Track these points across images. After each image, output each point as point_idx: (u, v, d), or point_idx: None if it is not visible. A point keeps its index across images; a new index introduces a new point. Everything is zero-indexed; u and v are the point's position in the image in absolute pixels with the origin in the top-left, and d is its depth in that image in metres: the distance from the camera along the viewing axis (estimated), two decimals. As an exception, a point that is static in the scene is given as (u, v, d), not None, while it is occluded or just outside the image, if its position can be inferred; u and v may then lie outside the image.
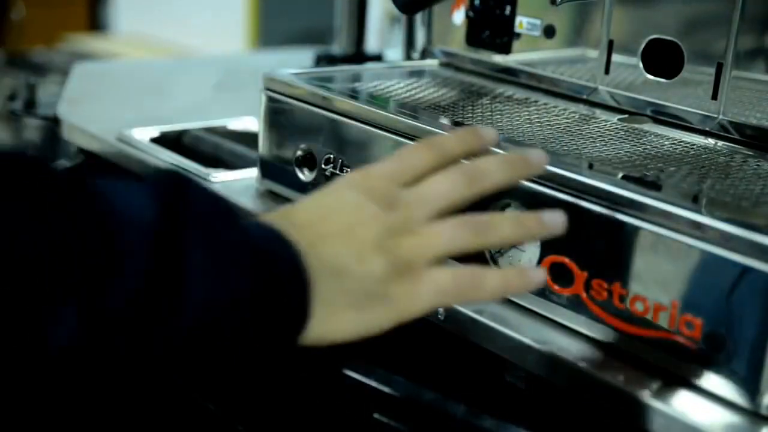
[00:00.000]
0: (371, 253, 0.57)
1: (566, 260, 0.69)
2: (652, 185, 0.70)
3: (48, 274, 0.48)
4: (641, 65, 0.89)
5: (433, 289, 0.58)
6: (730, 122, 0.84)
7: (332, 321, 0.56)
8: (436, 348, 0.79)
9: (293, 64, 1.04)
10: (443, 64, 1.08)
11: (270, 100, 0.93)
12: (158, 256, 0.50)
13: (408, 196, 0.60)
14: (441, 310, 0.74)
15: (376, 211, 0.59)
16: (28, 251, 0.48)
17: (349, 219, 0.58)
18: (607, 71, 0.92)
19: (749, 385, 0.61)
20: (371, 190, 0.60)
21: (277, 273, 0.55)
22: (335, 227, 0.58)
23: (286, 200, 0.93)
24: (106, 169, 1.13)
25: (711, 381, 0.63)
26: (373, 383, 0.81)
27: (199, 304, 0.51)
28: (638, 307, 0.66)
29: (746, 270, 0.60)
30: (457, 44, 1.05)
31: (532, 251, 0.72)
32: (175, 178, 0.55)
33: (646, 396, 0.63)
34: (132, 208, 0.52)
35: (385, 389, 0.81)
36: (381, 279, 0.57)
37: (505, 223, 0.61)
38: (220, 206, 0.56)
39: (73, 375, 0.51)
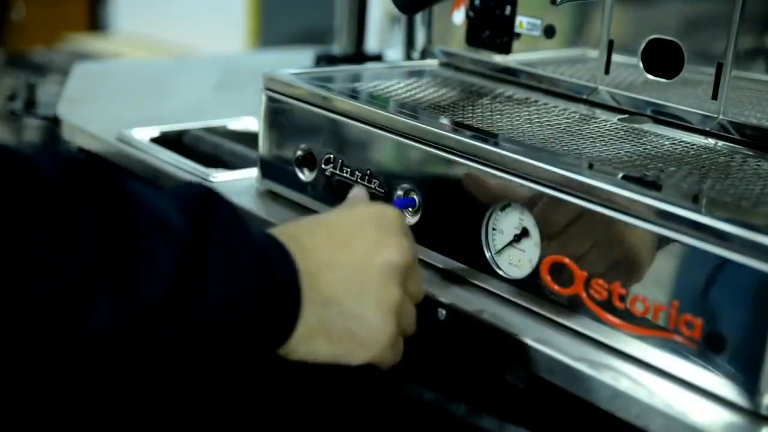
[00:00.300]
0: (371, 297, 0.64)
1: (566, 260, 0.69)
2: (652, 185, 0.70)
3: (85, 268, 0.52)
4: (641, 65, 0.89)
5: (405, 326, 0.67)
6: (730, 122, 0.84)
7: (307, 343, 0.62)
8: (437, 347, 0.79)
9: (293, 64, 1.03)
10: (443, 64, 1.08)
11: (270, 100, 0.93)
12: (186, 257, 0.56)
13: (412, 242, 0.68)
14: (442, 310, 0.74)
15: (389, 258, 0.65)
16: (67, 246, 0.52)
17: (362, 257, 0.64)
18: (607, 71, 0.92)
19: (749, 385, 0.61)
20: (394, 232, 0.66)
21: (274, 290, 0.60)
22: (349, 259, 0.64)
23: (286, 200, 0.93)
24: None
25: (711, 381, 0.63)
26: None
27: (217, 304, 0.57)
28: (638, 307, 0.66)
29: (746, 270, 0.60)
30: (457, 44, 1.05)
31: (532, 251, 0.72)
32: (201, 189, 0.61)
33: (646, 396, 0.63)
34: (165, 214, 0.57)
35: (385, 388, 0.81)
36: (373, 327, 0.64)
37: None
38: (238, 218, 0.61)
39: (106, 365, 0.55)
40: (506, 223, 0.74)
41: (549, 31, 0.96)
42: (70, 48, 3.47)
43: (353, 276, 0.63)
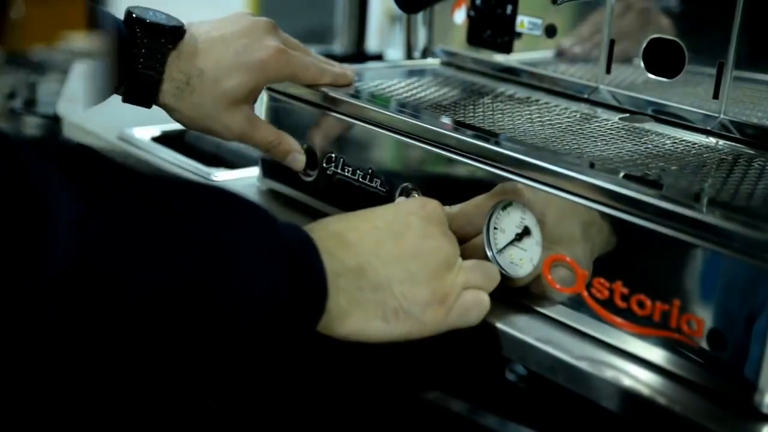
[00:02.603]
0: (422, 279, 0.68)
1: (567, 259, 0.69)
2: (653, 184, 0.70)
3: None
4: (642, 65, 0.89)
5: (456, 315, 0.69)
6: (731, 121, 0.84)
7: (364, 326, 0.67)
8: (437, 346, 0.79)
9: (294, 63, 1.03)
10: (444, 64, 1.08)
11: (271, 99, 0.93)
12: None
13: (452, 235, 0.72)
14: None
15: (437, 245, 0.69)
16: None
17: (413, 246, 0.69)
18: (608, 71, 0.92)
19: (750, 384, 0.61)
20: (437, 222, 0.71)
21: (302, 274, 0.64)
22: (396, 250, 0.68)
23: (287, 199, 0.93)
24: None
25: (712, 379, 0.63)
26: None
27: (247, 282, 0.60)
28: (639, 306, 0.66)
29: (747, 269, 0.60)
30: (459, 44, 1.05)
31: (534, 250, 0.72)
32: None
33: (647, 395, 0.63)
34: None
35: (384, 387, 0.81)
36: (421, 304, 0.68)
37: (495, 269, 0.74)
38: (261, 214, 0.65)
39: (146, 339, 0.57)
40: (508, 222, 0.74)
41: (550, 31, 0.96)
42: (69, 47, 3.47)
43: (402, 262, 0.68)
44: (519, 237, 0.73)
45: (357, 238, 0.68)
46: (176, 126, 0.89)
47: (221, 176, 1.00)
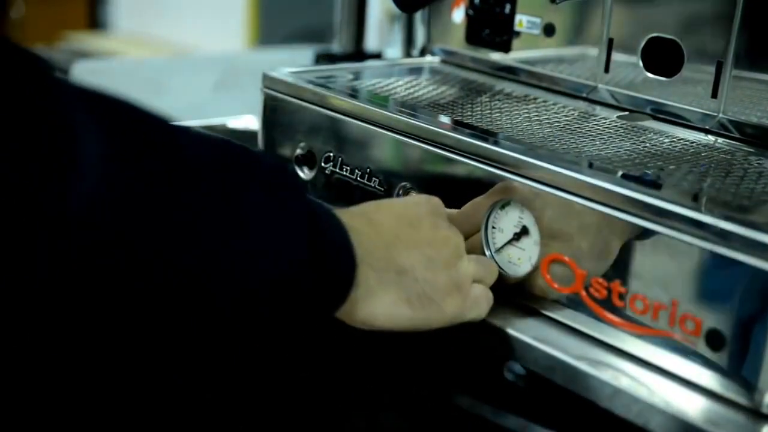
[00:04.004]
0: (440, 266, 0.67)
1: (565, 258, 0.69)
2: (651, 184, 0.70)
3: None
4: (641, 63, 0.89)
5: (470, 305, 0.69)
6: (730, 121, 0.84)
7: (391, 310, 0.66)
8: (436, 346, 0.79)
9: (293, 62, 1.03)
10: (443, 63, 1.08)
11: (270, 98, 0.93)
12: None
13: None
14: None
15: (448, 234, 0.70)
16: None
17: (427, 234, 0.69)
18: (606, 70, 0.92)
19: (749, 383, 0.61)
20: (443, 216, 0.71)
21: (330, 249, 0.62)
22: (414, 236, 0.68)
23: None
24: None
25: (711, 379, 0.63)
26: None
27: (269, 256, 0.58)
28: (638, 305, 0.66)
29: (747, 268, 0.60)
30: (457, 43, 1.05)
31: (532, 249, 0.72)
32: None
33: (646, 394, 0.63)
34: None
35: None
36: (443, 290, 0.67)
37: (494, 264, 0.74)
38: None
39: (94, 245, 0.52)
40: (506, 221, 0.74)
41: (549, 30, 0.96)
42: (69, 46, 3.47)
43: (420, 248, 0.67)
44: (517, 236, 0.73)
45: (380, 219, 0.68)
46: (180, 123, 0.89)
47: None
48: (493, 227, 0.75)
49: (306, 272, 0.59)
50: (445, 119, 0.84)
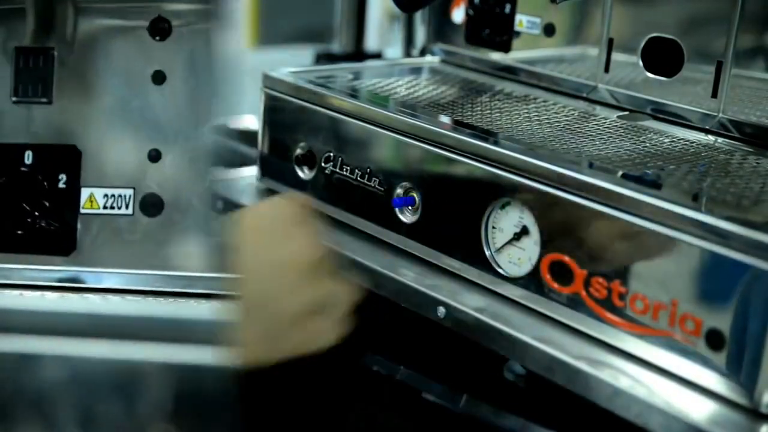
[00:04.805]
0: (295, 291, 0.65)
1: (566, 258, 0.69)
2: (651, 183, 0.70)
3: None
4: (641, 63, 0.89)
5: (330, 325, 0.67)
6: (730, 120, 0.84)
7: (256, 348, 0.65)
8: (436, 345, 0.79)
9: (293, 62, 1.03)
10: (443, 62, 1.08)
11: (270, 98, 0.93)
12: None
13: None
14: (442, 308, 0.74)
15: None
16: None
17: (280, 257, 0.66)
18: (606, 69, 0.92)
19: (748, 383, 0.61)
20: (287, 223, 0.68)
21: None
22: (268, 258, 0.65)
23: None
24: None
25: (710, 379, 0.63)
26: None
27: None
28: (638, 305, 0.66)
29: (746, 268, 0.60)
30: (457, 42, 1.05)
31: (532, 249, 0.72)
32: None
33: (646, 394, 0.63)
34: None
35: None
36: (301, 314, 0.65)
37: None
38: None
39: None
40: (506, 221, 0.74)
41: (549, 30, 0.96)
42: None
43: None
44: (517, 236, 0.73)
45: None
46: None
47: (219, 176, 1.00)
48: (494, 227, 0.75)
49: None
50: (445, 119, 0.84)
